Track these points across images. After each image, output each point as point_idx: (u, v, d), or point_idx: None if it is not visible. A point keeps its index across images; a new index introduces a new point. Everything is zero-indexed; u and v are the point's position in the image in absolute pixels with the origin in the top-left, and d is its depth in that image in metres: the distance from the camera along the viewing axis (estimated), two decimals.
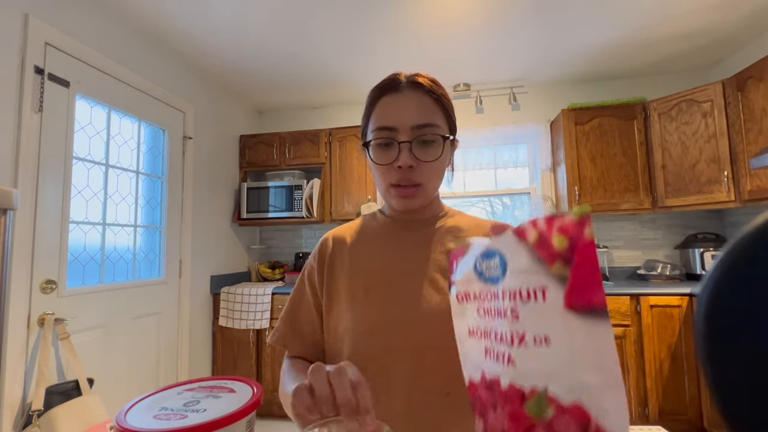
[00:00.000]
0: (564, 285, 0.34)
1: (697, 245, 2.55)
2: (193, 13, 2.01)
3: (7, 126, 1.50)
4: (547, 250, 0.36)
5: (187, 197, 2.50)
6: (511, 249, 0.38)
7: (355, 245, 0.70)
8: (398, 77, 0.65)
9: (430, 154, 0.62)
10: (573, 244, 0.35)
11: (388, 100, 0.64)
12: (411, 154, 0.61)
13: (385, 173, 0.63)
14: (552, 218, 0.36)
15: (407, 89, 0.63)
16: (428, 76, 0.66)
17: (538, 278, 0.36)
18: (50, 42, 1.65)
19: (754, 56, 2.31)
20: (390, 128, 0.62)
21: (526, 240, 0.37)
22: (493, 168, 3.07)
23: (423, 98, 0.63)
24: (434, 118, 0.62)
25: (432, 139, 0.62)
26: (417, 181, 0.62)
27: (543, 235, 0.37)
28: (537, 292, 0.35)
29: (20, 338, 1.50)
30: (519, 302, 0.36)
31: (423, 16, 2.09)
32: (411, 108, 0.62)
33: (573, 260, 0.34)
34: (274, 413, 2.65)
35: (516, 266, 0.38)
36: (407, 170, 0.61)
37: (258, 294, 2.61)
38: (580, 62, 2.65)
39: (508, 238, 0.39)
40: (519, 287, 0.37)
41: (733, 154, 2.22)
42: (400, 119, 0.61)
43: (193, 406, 0.39)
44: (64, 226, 1.70)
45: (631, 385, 2.19)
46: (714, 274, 0.21)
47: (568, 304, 0.33)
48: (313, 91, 3.05)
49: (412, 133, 0.61)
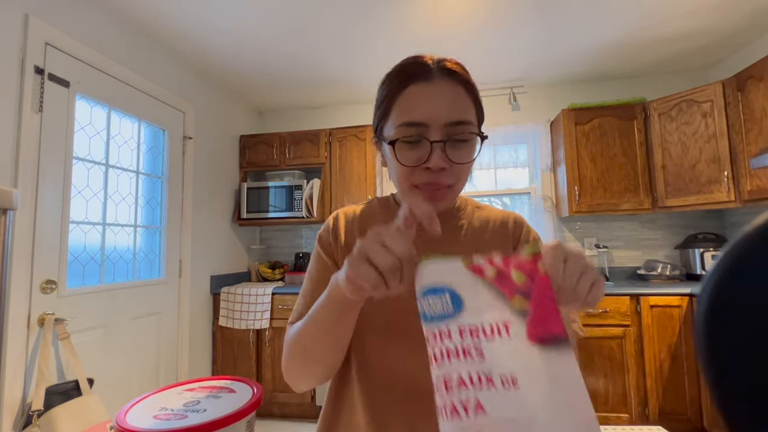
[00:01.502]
0: (525, 318, 0.36)
1: (697, 245, 2.55)
2: (193, 13, 2.01)
3: (7, 126, 1.50)
4: (508, 285, 0.37)
5: (187, 197, 2.50)
6: (468, 285, 0.37)
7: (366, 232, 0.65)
8: (426, 62, 0.56)
9: (465, 155, 0.55)
10: (530, 279, 0.37)
11: (417, 90, 0.55)
12: (444, 154, 0.53)
13: (410, 174, 0.56)
14: (507, 257, 0.38)
15: (439, 78, 0.55)
16: (456, 61, 0.57)
17: (502, 313, 0.36)
18: (50, 42, 1.65)
19: (754, 56, 2.31)
20: (420, 124, 0.53)
21: (484, 276, 0.37)
22: (493, 168, 3.07)
23: (457, 90, 0.55)
24: (469, 113, 0.55)
25: (467, 138, 0.54)
26: (447, 183, 0.55)
27: (502, 272, 0.37)
28: (501, 328, 0.35)
29: (20, 338, 1.50)
30: (483, 339, 0.35)
31: (422, 16, 2.09)
32: (445, 101, 0.54)
33: (531, 294, 0.36)
34: (274, 413, 2.65)
35: (476, 303, 0.36)
36: (438, 172, 0.54)
37: (258, 294, 2.61)
38: (580, 62, 2.65)
39: (460, 274, 0.38)
40: (481, 323, 0.36)
41: (733, 154, 2.22)
42: (433, 114, 0.53)
43: (193, 407, 0.39)
44: (64, 226, 1.70)
45: (631, 385, 2.19)
46: (714, 274, 0.21)
47: (531, 336, 0.34)
48: (313, 91, 3.05)
49: (445, 130, 0.53)
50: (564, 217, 2.87)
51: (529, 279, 0.36)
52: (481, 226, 0.65)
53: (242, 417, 0.35)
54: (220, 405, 0.36)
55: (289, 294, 2.63)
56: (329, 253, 0.64)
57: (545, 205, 2.91)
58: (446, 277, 0.38)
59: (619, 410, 2.20)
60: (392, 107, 0.57)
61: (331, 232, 0.66)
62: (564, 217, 2.82)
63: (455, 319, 0.36)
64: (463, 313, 0.36)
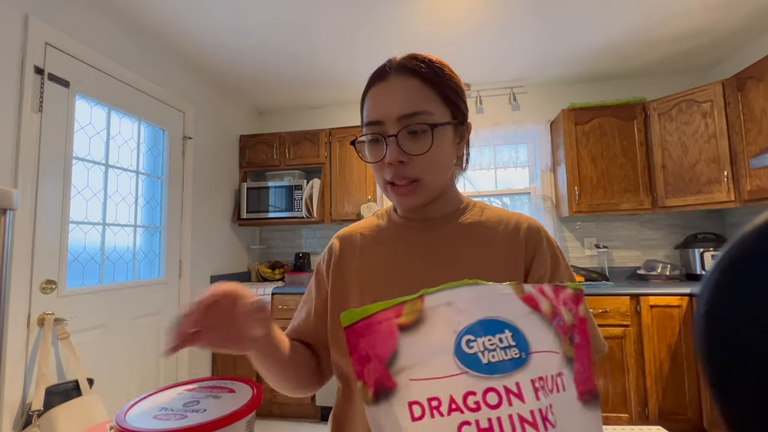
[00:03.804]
0: (572, 368, 0.28)
1: (697, 245, 2.55)
2: (193, 13, 2.01)
3: (7, 126, 1.50)
4: (562, 325, 0.28)
5: (187, 197, 2.50)
6: (525, 321, 0.28)
7: (366, 249, 0.65)
8: (387, 65, 0.59)
9: (420, 146, 0.55)
10: (575, 320, 0.29)
11: (375, 91, 0.58)
12: (399, 148, 0.54)
13: (380, 171, 0.58)
14: (557, 288, 0.30)
15: (393, 76, 0.57)
16: (424, 56, 0.58)
17: (559, 362, 0.27)
18: (50, 42, 1.65)
19: (754, 56, 2.31)
20: (377, 122, 0.56)
21: (541, 311, 0.28)
22: (493, 168, 3.07)
23: (409, 83, 0.56)
24: (424, 104, 0.55)
25: (419, 129, 0.54)
26: (412, 176, 0.56)
27: (555, 308, 0.29)
28: (557, 381, 0.27)
29: (20, 338, 1.50)
30: (547, 397, 0.25)
31: (423, 16, 2.09)
32: (397, 96, 0.55)
33: (575, 339, 0.29)
34: (274, 413, 2.65)
35: (539, 345, 0.27)
36: (399, 166, 0.55)
37: (258, 294, 2.61)
38: (579, 62, 2.65)
39: (514, 306, 0.28)
40: (546, 375, 0.26)
41: (733, 154, 2.22)
42: (385, 111, 0.55)
43: (193, 407, 0.39)
44: (64, 226, 1.70)
45: (631, 385, 2.19)
46: (714, 273, 0.21)
47: (580, 392, 0.27)
48: (313, 91, 3.05)
49: (398, 124, 0.55)
50: (564, 217, 2.87)
51: (575, 320, 0.29)
52: (491, 226, 0.62)
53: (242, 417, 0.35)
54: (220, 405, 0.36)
55: (288, 294, 2.63)
56: (319, 281, 0.69)
57: (545, 205, 2.91)
58: (500, 310, 0.27)
59: (619, 410, 2.20)
60: (362, 112, 0.60)
61: (325, 259, 0.69)
62: (564, 217, 2.82)
63: (525, 370, 0.26)
64: (533, 359, 0.26)
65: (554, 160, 2.89)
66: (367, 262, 0.63)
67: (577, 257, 2.90)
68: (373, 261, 0.63)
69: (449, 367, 0.25)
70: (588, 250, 2.87)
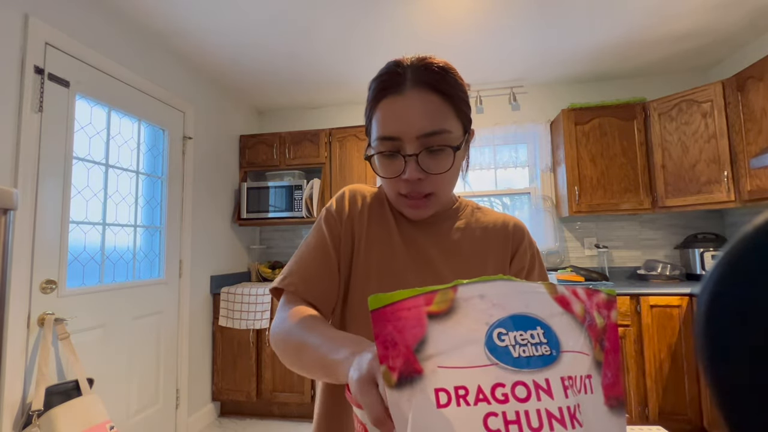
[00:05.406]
0: (600, 372, 0.28)
1: (697, 245, 2.55)
2: (193, 13, 2.01)
3: (7, 126, 1.50)
4: (594, 329, 0.28)
5: (187, 197, 2.50)
6: (557, 320, 0.28)
7: (373, 225, 0.64)
8: (399, 71, 0.55)
9: (440, 165, 0.55)
10: (606, 326, 0.29)
11: (390, 103, 0.55)
12: (418, 166, 0.54)
13: (393, 184, 0.58)
14: (590, 292, 0.30)
15: (411, 88, 0.54)
16: (437, 62, 0.56)
17: (588, 364, 0.27)
18: (50, 42, 1.65)
19: (754, 56, 2.31)
20: (394, 138, 0.54)
21: (573, 312, 0.28)
22: (493, 168, 3.07)
23: (429, 98, 0.54)
24: (444, 122, 0.54)
25: (442, 148, 0.54)
26: (428, 191, 0.57)
27: (588, 310, 0.29)
28: (586, 382, 0.27)
29: (20, 338, 1.50)
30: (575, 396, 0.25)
31: (423, 16, 2.09)
32: (416, 114, 0.53)
33: (605, 344, 0.29)
34: (274, 413, 2.65)
35: (570, 345, 0.27)
36: (416, 182, 0.56)
37: (258, 294, 2.61)
38: (580, 62, 2.65)
39: (547, 304, 0.28)
40: (575, 375, 0.26)
41: (733, 155, 2.22)
42: (404, 128, 0.54)
43: None
44: (64, 226, 1.70)
45: (631, 385, 2.19)
46: (714, 273, 0.21)
47: (607, 397, 0.27)
48: (313, 91, 3.05)
49: (418, 143, 0.54)
50: (564, 217, 2.87)
51: (606, 325, 0.29)
52: (482, 227, 0.66)
53: None
54: None
55: None
56: (332, 233, 0.64)
57: (545, 205, 2.91)
58: (533, 307, 0.27)
59: None
60: (372, 120, 0.58)
61: (336, 212, 0.66)
62: (564, 217, 2.82)
63: (555, 367, 0.26)
64: (563, 358, 0.26)
65: (554, 160, 2.89)
66: (386, 247, 0.63)
67: (577, 257, 2.90)
68: (388, 248, 0.63)
69: (479, 358, 0.25)
70: (588, 250, 2.87)
